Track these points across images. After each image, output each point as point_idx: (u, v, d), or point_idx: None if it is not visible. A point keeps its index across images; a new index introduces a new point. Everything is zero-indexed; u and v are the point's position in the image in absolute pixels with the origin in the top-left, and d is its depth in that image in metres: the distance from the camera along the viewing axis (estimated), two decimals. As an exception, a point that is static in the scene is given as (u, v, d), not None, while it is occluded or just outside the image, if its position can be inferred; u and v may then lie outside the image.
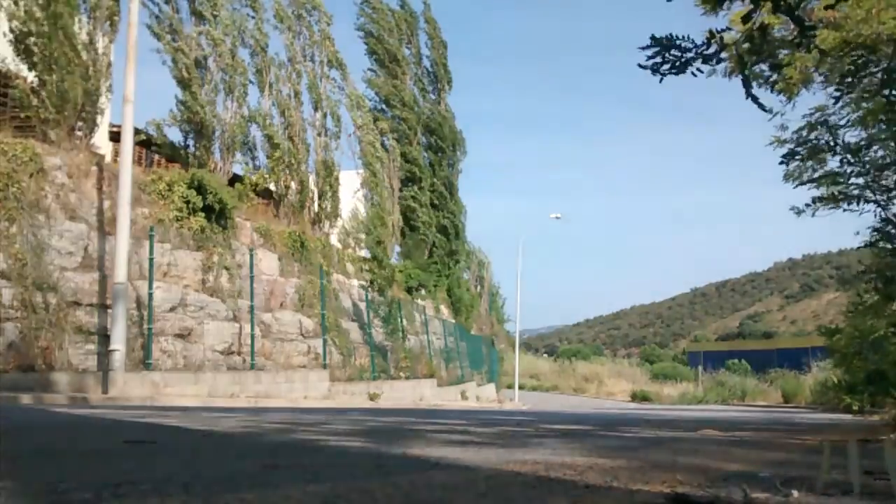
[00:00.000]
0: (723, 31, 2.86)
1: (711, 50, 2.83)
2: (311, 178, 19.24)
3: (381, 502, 1.63)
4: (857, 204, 5.44)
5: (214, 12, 15.85)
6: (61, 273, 10.45)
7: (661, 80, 2.90)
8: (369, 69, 27.35)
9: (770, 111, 4.63)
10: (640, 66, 2.85)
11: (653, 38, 2.81)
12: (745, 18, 2.75)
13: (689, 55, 2.83)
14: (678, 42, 2.83)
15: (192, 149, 15.81)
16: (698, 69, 2.88)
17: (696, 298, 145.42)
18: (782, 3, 2.63)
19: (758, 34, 2.75)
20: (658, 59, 2.85)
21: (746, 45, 2.89)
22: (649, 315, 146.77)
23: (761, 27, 2.74)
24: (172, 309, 12.01)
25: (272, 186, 18.01)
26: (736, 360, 42.14)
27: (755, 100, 3.25)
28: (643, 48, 2.83)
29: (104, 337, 10.55)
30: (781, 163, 5.85)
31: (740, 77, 3.06)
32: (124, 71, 11.27)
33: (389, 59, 27.13)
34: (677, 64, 2.86)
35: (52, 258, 10.36)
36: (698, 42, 2.85)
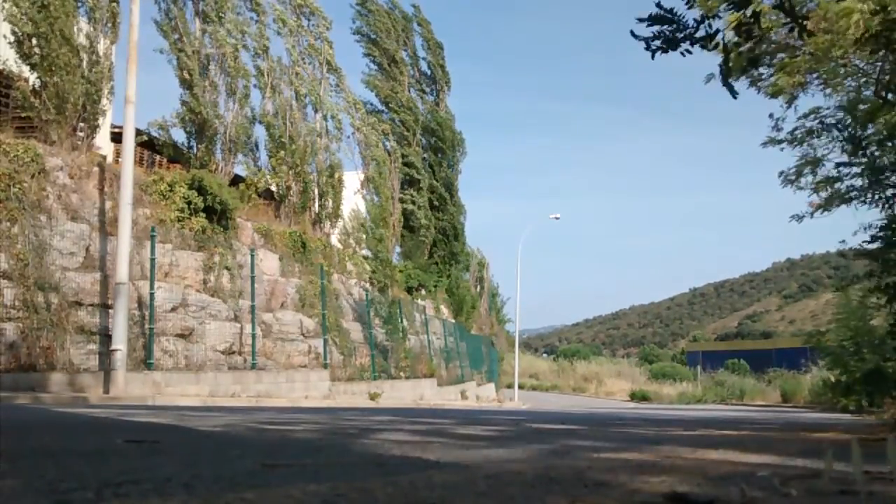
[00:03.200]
0: (715, 14, 2.87)
1: (702, 33, 2.85)
2: (313, 179, 19.27)
3: (382, 501, 1.65)
4: (864, 201, 5.45)
5: (220, 14, 15.89)
6: (63, 273, 10.47)
7: (652, 57, 2.91)
8: (368, 74, 27.41)
9: (736, 96, 4.63)
10: (633, 35, 2.86)
11: (658, 4, 2.82)
12: (741, 4, 2.75)
13: (684, 32, 2.84)
14: (677, 17, 2.84)
15: (194, 149, 15.85)
16: (687, 50, 2.90)
17: (694, 298, 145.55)
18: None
19: (752, 19, 2.76)
20: (653, 31, 2.87)
21: (734, 34, 2.90)
22: (648, 315, 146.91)
23: (755, 14, 2.75)
24: (174, 309, 12.03)
25: (273, 187, 18.03)
26: (735, 360, 42.12)
27: (731, 88, 3.28)
28: (641, 20, 2.84)
29: (105, 337, 10.58)
30: (787, 141, 5.83)
31: (721, 65, 3.09)
32: (126, 72, 11.30)
33: (388, 62, 27.17)
34: (669, 40, 2.87)
35: (53, 258, 10.39)
36: (694, 23, 2.87)
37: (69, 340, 10.19)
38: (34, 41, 11.49)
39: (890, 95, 4.44)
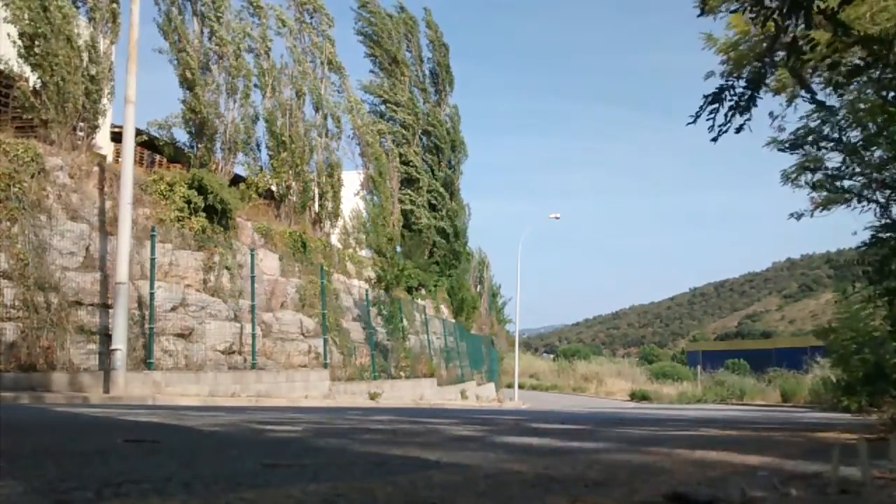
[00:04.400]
0: (772, 56, 2.87)
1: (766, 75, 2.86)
2: (313, 179, 19.28)
3: (382, 501, 1.65)
4: (858, 202, 5.44)
5: (218, 14, 15.90)
6: (63, 273, 10.47)
7: (738, 131, 2.92)
8: (369, 72, 27.47)
9: (824, 104, 4.64)
10: (714, 140, 2.87)
11: (705, 96, 2.84)
12: (776, 34, 2.75)
13: (749, 92, 2.85)
14: (729, 85, 2.85)
15: (194, 149, 15.85)
16: (748, 116, 2.90)
17: (694, 298, 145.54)
18: (814, 12, 2.65)
19: (805, 44, 2.77)
20: (724, 113, 2.87)
21: (790, 55, 2.90)
22: (648, 315, 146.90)
23: (794, 39, 2.75)
24: (174, 309, 12.03)
25: (273, 187, 18.05)
26: (735, 360, 42.12)
27: (821, 104, 3.29)
28: (698, 116, 2.84)
29: (105, 337, 10.58)
30: (782, 150, 5.84)
31: (800, 87, 3.10)
32: (126, 71, 11.30)
33: (389, 62, 27.20)
34: (742, 102, 2.87)
35: (53, 258, 10.39)
36: (741, 81, 2.88)
37: (69, 340, 10.19)
38: (36, 41, 11.50)
39: (891, 95, 4.44)
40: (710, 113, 2.89)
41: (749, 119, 2.93)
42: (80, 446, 2.93)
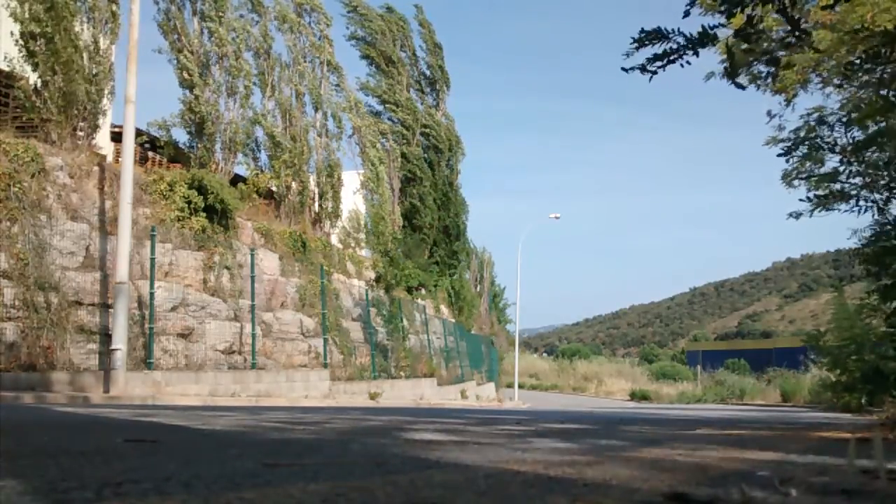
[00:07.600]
0: (715, 27, 2.85)
1: (701, 40, 2.83)
2: (312, 179, 19.28)
3: (382, 501, 1.65)
4: (857, 202, 5.44)
5: (219, 13, 15.90)
6: (63, 273, 10.47)
7: (650, 79, 2.89)
8: (368, 74, 27.50)
9: (744, 88, 4.62)
10: (624, 69, 2.84)
11: (642, 30, 2.80)
12: (736, 2, 2.74)
13: (679, 45, 2.82)
14: (669, 34, 2.82)
15: (194, 149, 15.85)
16: (687, 61, 2.87)
17: (695, 298, 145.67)
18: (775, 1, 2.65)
19: (746, 25, 2.76)
20: (648, 55, 2.84)
21: (736, 37, 2.89)
22: (648, 315, 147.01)
23: (749, 19, 2.74)
24: (174, 308, 12.03)
25: (273, 187, 18.05)
26: (735, 360, 42.15)
27: (738, 85, 3.27)
28: (629, 54, 2.81)
29: (106, 336, 10.58)
30: (780, 155, 5.84)
31: (726, 63, 3.06)
32: (126, 71, 11.30)
33: (385, 62, 27.22)
34: (666, 56, 2.84)
35: (53, 258, 10.39)
36: (688, 35, 2.85)
37: (69, 340, 10.19)
38: (38, 41, 11.49)
39: (892, 95, 4.43)
40: (639, 45, 2.84)
41: (665, 66, 2.88)
42: (80, 446, 2.93)
